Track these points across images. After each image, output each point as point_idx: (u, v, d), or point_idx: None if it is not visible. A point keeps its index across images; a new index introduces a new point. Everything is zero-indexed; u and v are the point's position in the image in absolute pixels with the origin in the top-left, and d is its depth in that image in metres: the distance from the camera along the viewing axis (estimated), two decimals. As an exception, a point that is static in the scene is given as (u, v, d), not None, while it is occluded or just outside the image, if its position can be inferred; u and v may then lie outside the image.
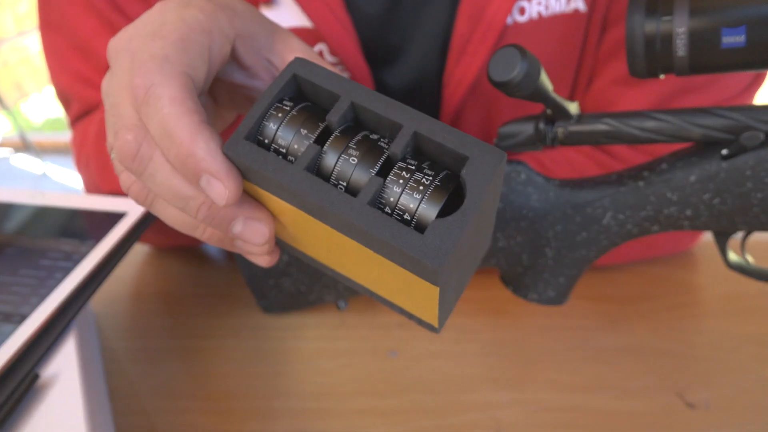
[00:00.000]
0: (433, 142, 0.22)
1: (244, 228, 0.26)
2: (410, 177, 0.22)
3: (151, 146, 0.25)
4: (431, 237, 0.21)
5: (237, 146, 0.23)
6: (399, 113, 0.23)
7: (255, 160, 0.23)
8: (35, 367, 0.31)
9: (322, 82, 0.24)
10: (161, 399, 0.42)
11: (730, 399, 0.41)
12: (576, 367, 0.44)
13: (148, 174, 0.26)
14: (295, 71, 0.25)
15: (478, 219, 0.22)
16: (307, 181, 0.22)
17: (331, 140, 0.23)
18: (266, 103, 0.24)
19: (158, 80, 0.24)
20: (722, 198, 0.31)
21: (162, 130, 0.24)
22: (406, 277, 0.23)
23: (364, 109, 0.24)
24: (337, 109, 0.24)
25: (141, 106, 0.25)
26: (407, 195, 0.22)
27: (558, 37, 0.49)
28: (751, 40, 0.27)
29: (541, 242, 0.36)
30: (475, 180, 0.21)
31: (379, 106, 0.23)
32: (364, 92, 0.24)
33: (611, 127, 0.33)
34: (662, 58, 0.29)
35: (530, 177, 0.36)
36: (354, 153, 0.23)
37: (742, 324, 0.47)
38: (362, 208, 0.21)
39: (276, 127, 0.24)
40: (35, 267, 0.38)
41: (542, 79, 0.31)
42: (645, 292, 0.51)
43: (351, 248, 0.24)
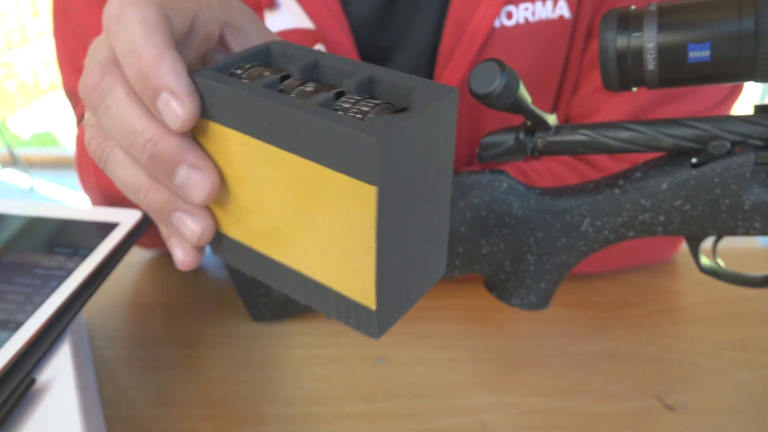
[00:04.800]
0: (386, 82, 0.23)
1: (187, 178, 0.25)
2: (361, 99, 0.23)
3: (114, 78, 0.25)
4: (373, 121, 0.21)
5: (204, 72, 0.25)
6: (360, 65, 0.24)
7: (219, 79, 0.24)
8: (31, 372, 0.32)
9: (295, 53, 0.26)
10: (153, 406, 0.43)
11: (708, 402, 0.42)
12: (559, 372, 0.45)
13: (105, 107, 0.25)
14: (270, 45, 0.26)
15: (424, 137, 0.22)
16: (264, 91, 0.23)
17: (290, 80, 0.25)
18: (234, 58, 0.26)
19: (132, 2, 0.24)
20: (692, 204, 0.33)
21: (129, 45, 0.24)
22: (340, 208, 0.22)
23: (326, 67, 0.25)
24: (298, 63, 0.25)
25: (111, 25, 0.24)
26: (355, 111, 0.22)
27: (543, 44, 0.51)
28: (715, 55, 0.29)
29: (522, 249, 0.38)
30: (422, 101, 0.22)
31: (343, 63, 0.24)
32: (331, 56, 0.25)
33: (587, 137, 0.34)
34: (633, 72, 0.31)
35: (511, 186, 0.38)
36: (311, 86, 0.24)
37: (719, 329, 0.49)
38: (310, 106, 0.22)
39: (242, 71, 0.25)
40: (30, 276, 0.39)
41: (521, 91, 0.32)
42: (626, 299, 0.53)
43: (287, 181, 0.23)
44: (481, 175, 0.39)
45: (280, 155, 0.23)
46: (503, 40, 0.49)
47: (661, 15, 0.30)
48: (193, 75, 0.24)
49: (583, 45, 0.52)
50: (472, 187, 0.39)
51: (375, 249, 0.22)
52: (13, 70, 3.65)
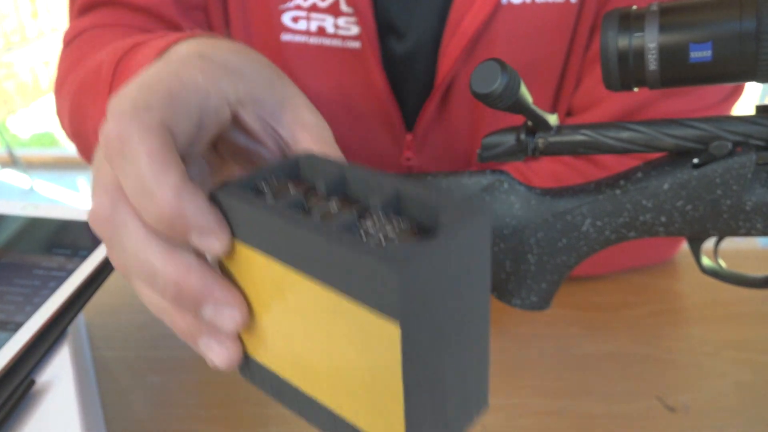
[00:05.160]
0: (413, 199, 0.22)
1: (214, 313, 0.24)
2: (385, 220, 0.22)
3: (126, 211, 0.23)
4: (396, 248, 0.19)
5: (229, 189, 0.23)
6: (387, 178, 0.23)
7: (242, 198, 0.23)
8: (31, 373, 0.32)
9: (323, 166, 0.24)
10: (153, 407, 0.43)
11: (709, 402, 0.42)
12: (560, 374, 0.45)
13: (119, 243, 0.23)
14: (299, 158, 0.25)
15: (453, 263, 0.20)
16: (286, 212, 0.21)
17: (315, 196, 0.23)
18: (261, 171, 0.24)
19: (134, 131, 0.22)
20: (694, 205, 0.33)
21: (139, 186, 0.22)
22: (364, 344, 0.20)
23: (355, 180, 0.24)
24: (325, 179, 0.24)
25: (115, 158, 0.22)
26: (379, 232, 0.21)
27: (548, 26, 0.51)
28: (717, 55, 0.29)
29: (523, 249, 0.38)
30: (450, 222, 0.20)
31: (370, 178, 0.23)
32: (357, 169, 0.24)
33: (588, 137, 0.34)
34: (635, 72, 0.31)
35: (512, 186, 0.38)
36: (335, 205, 0.23)
37: (720, 330, 0.49)
38: (331, 229, 0.20)
39: (267, 185, 0.24)
40: (29, 277, 0.39)
41: (522, 91, 0.32)
42: (627, 299, 0.52)
43: (311, 310, 0.22)
44: (482, 176, 0.39)
45: (303, 281, 0.21)
46: (509, 17, 0.50)
47: (663, 15, 0.30)
48: (217, 192, 0.23)
49: (587, 34, 0.52)
50: (473, 187, 0.39)
51: (402, 390, 0.20)
52: (13, 71, 3.64)
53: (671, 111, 0.51)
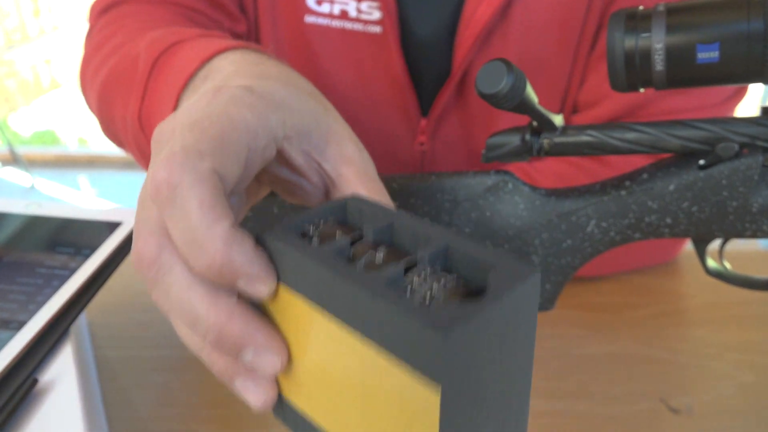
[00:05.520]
0: (462, 254, 0.21)
1: (255, 358, 0.23)
2: (432, 274, 0.21)
3: (172, 256, 0.23)
4: (440, 309, 0.18)
5: (276, 232, 0.23)
6: (435, 231, 0.22)
7: (288, 241, 0.23)
8: (34, 372, 0.32)
9: (369, 210, 0.25)
10: (155, 407, 0.43)
11: (713, 404, 0.42)
12: (562, 374, 0.45)
13: (163, 286, 0.23)
14: (347, 201, 0.25)
15: (501, 326, 0.19)
16: (329, 261, 0.21)
17: (361, 244, 0.23)
18: (310, 214, 0.24)
19: (186, 179, 0.22)
20: (700, 206, 0.33)
21: (189, 236, 0.22)
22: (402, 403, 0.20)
23: (403, 228, 0.23)
24: (372, 225, 0.23)
25: (164, 205, 0.22)
26: (426, 288, 0.20)
27: (559, 20, 0.52)
28: (724, 55, 0.29)
29: (527, 250, 0.38)
30: (500, 283, 0.19)
31: (417, 227, 0.23)
32: (405, 216, 0.24)
33: (594, 138, 0.34)
34: (641, 73, 0.31)
35: (517, 186, 0.38)
36: (381, 255, 0.22)
37: (723, 332, 0.49)
38: (376, 284, 0.20)
39: (314, 228, 0.24)
40: (32, 275, 0.39)
41: (528, 91, 0.32)
42: (630, 300, 0.52)
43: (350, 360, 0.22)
44: (486, 176, 0.39)
45: (343, 331, 0.21)
46: (523, 8, 0.51)
47: (670, 15, 0.30)
48: (265, 236, 0.23)
49: (594, 29, 0.53)
50: (477, 187, 0.39)
51: None
52: (14, 69, 3.65)
53: (675, 108, 0.51)
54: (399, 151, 0.59)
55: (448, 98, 0.55)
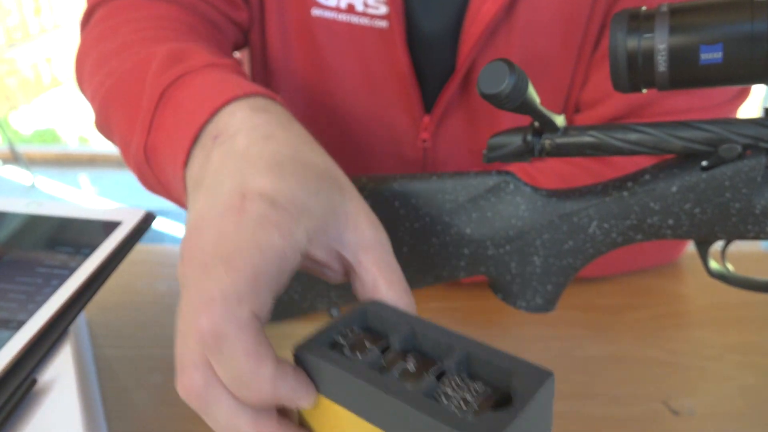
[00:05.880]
0: (484, 362, 0.24)
1: None
2: (462, 384, 0.24)
3: (218, 390, 0.25)
4: (479, 422, 0.21)
5: (309, 346, 0.26)
6: (456, 340, 0.25)
7: (324, 355, 0.25)
8: (33, 372, 0.32)
9: (391, 318, 0.27)
10: (155, 406, 0.43)
11: (714, 406, 0.42)
12: (563, 375, 0.45)
13: (211, 414, 0.25)
14: (366, 308, 0.28)
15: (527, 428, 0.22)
16: (368, 375, 0.24)
17: (391, 353, 0.26)
18: (336, 324, 0.27)
19: (230, 330, 0.24)
20: (702, 208, 0.33)
21: (238, 380, 0.24)
22: None
23: (424, 336, 0.26)
24: (398, 334, 0.26)
25: (212, 353, 0.24)
26: (459, 398, 0.23)
27: (564, 18, 0.52)
28: (727, 56, 0.29)
29: (529, 251, 0.37)
30: (523, 390, 0.22)
31: (438, 335, 0.25)
32: (425, 324, 0.26)
33: (596, 139, 0.34)
34: (644, 74, 0.31)
35: (518, 187, 0.37)
36: (412, 363, 0.25)
37: (724, 333, 0.48)
38: (416, 398, 0.22)
39: (343, 338, 0.27)
40: (32, 275, 0.39)
41: (530, 92, 0.32)
42: (631, 302, 0.52)
43: None
44: (488, 176, 0.38)
45: None
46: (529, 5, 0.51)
47: (673, 16, 0.30)
48: (301, 353, 0.25)
49: (598, 28, 0.53)
50: (478, 188, 0.38)
51: None
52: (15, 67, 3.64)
53: (678, 108, 0.51)
54: (401, 147, 0.59)
55: (452, 95, 0.55)
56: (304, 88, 0.59)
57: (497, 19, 0.51)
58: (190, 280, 0.26)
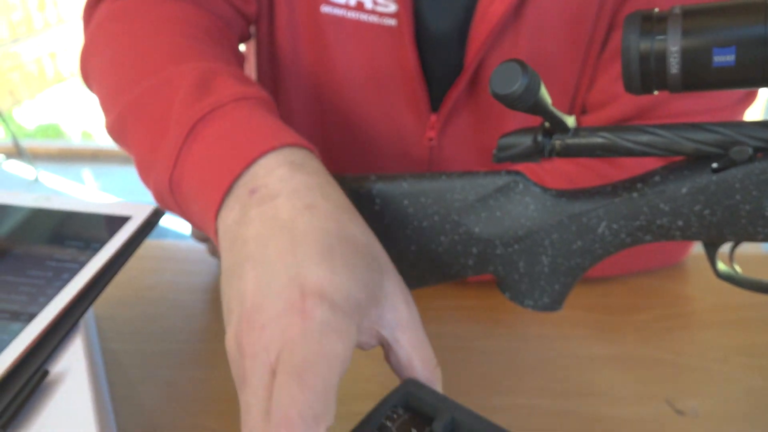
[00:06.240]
0: None
1: None
2: None
3: None
4: None
5: None
6: (489, 428, 0.29)
7: None
8: (44, 364, 0.32)
9: (427, 398, 0.31)
10: (162, 400, 0.43)
11: (719, 407, 0.42)
12: (568, 375, 0.45)
13: None
14: (407, 387, 0.31)
15: None
16: None
17: None
18: (382, 407, 0.30)
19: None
20: (712, 209, 0.33)
21: None
22: None
23: (463, 424, 0.30)
24: (440, 419, 0.30)
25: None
26: None
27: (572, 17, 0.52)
28: (740, 59, 0.29)
29: (537, 250, 0.38)
30: None
31: (474, 422, 0.29)
32: (463, 410, 0.30)
33: (607, 140, 0.34)
34: (656, 76, 0.31)
35: (527, 187, 0.38)
36: None
37: (730, 335, 0.49)
38: None
39: (390, 423, 0.30)
40: (42, 268, 0.39)
41: (542, 92, 0.32)
42: (637, 303, 0.52)
43: None
44: (498, 176, 0.39)
45: None
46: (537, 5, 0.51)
47: (686, 18, 0.30)
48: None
49: (606, 29, 0.53)
50: (488, 187, 0.39)
51: None
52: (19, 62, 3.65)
53: (685, 110, 0.51)
54: (408, 146, 0.59)
55: (459, 94, 0.55)
56: (311, 84, 0.59)
57: (505, 19, 0.51)
58: (255, 379, 0.28)
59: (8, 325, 0.33)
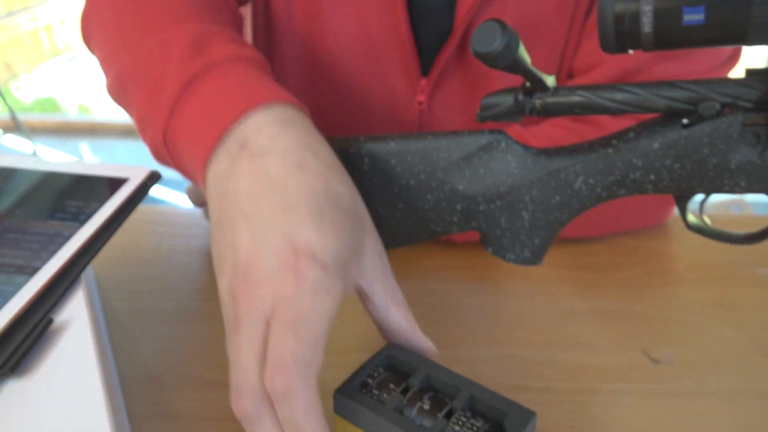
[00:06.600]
0: (484, 403, 0.31)
1: None
2: (467, 422, 0.31)
3: (269, 420, 0.30)
4: None
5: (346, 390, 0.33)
6: (461, 382, 0.32)
7: (358, 399, 0.32)
8: (49, 313, 0.34)
9: (407, 359, 0.34)
10: (161, 352, 0.45)
11: (692, 356, 0.44)
12: (550, 328, 0.47)
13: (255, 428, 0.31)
14: (389, 350, 0.35)
15: None
16: (393, 417, 0.31)
17: (410, 394, 0.32)
18: (366, 367, 0.34)
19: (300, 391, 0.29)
20: (682, 163, 0.34)
21: (292, 422, 0.29)
22: None
23: (437, 380, 0.33)
24: (416, 376, 0.33)
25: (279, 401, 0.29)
26: None
27: None
28: (709, 18, 0.30)
29: (518, 206, 0.39)
30: (513, 427, 0.30)
31: (447, 378, 0.33)
32: (437, 367, 0.33)
33: (584, 98, 0.35)
34: (630, 35, 0.32)
35: (509, 145, 0.39)
36: (427, 404, 0.31)
37: (706, 290, 0.51)
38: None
39: (372, 381, 0.33)
40: (44, 227, 0.40)
41: (521, 51, 0.33)
42: (619, 261, 0.54)
43: None
44: (481, 135, 0.40)
45: None
46: None
47: (658, -22, 0.31)
48: (338, 395, 0.32)
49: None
50: (472, 146, 0.40)
51: None
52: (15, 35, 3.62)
53: (668, 74, 0.52)
54: (399, 109, 0.61)
55: (448, 58, 0.56)
56: (305, 48, 0.60)
57: None
58: (249, 326, 0.31)
59: (13, 278, 0.35)
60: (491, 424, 0.31)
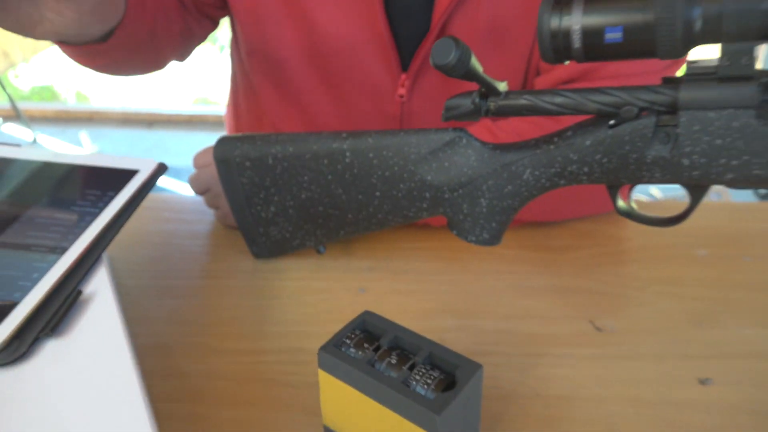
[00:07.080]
0: (441, 358, 0.37)
1: None
2: (426, 372, 0.36)
3: None
4: (434, 400, 0.34)
5: (328, 348, 0.38)
6: (423, 342, 0.38)
7: (337, 355, 0.37)
8: (78, 286, 0.40)
9: (379, 323, 0.40)
10: (170, 324, 0.52)
11: (632, 325, 0.51)
12: (511, 301, 0.54)
13: None
14: (364, 317, 0.40)
15: (464, 403, 0.35)
16: (366, 369, 0.36)
17: (381, 351, 0.38)
18: (345, 332, 0.39)
19: None
20: (609, 158, 0.41)
21: None
22: None
23: (403, 340, 0.39)
24: (386, 337, 0.39)
25: None
26: (423, 382, 0.36)
27: None
28: (626, 37, 0.36)
29: (477, 194, 0.46)
30: (463, 378, 0.35)
31: (411, 338, 0.38)
32: (404, 330, 0.39)
33: (529, 102, 0.42)
34: (564, 49, 0.38)
35: (469, 142, 0.45)
36: (394, 359, 0.37)
37: (650, 269, 0.57)
38: (396, 384, 0.35)
39: (349, 341, 0.39)
40: (69, 213, 0.47)
41: (473, 62, 0.40)
42: (574, 243, 0.61)
43: (384, 425, 0.36)
44: (445, 133, 0.46)
45: (376, 405, 0.36)
46: None
47: (587, 1, 0.37)
48: (322, 351, 0.38)
49: None
50: (437, 142, 0.46)
51: None
52: (12, 24, 3.64)
53: (622, 72, 0.58)
54: (381, 103, 0.67)
55: (426, 54, 0.62)
56: (296, 49, 0.66)
57: None
58: None
59: (47, 256, 0.42)
60: (446, 375, 0.37)
